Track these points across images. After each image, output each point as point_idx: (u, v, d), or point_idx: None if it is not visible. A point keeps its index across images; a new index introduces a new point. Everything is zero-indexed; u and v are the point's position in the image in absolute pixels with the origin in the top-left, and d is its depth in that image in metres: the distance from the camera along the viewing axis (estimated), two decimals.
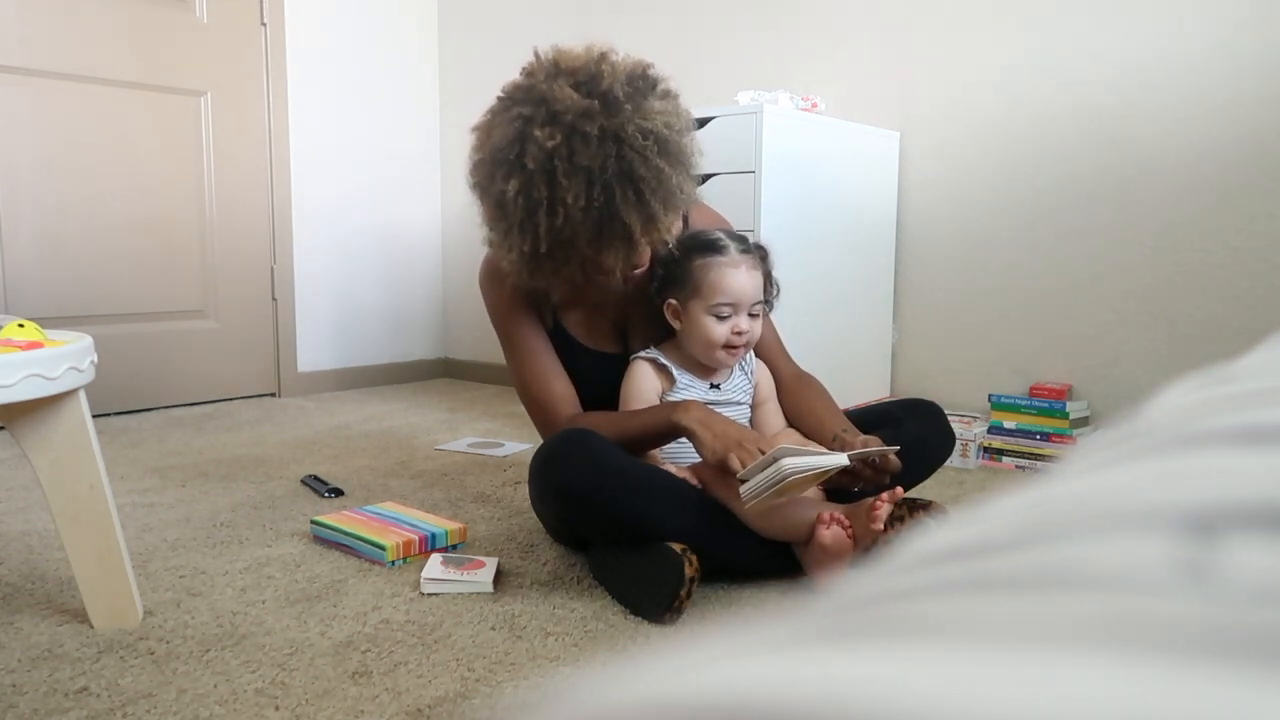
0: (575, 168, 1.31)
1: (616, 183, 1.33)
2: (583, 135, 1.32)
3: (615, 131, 1.33)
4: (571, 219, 1.33)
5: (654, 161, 1.34)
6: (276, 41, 3.15)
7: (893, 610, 0.17)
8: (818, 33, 2.71)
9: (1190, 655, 0.14)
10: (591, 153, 1.31)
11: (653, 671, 0.16)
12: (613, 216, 1.34)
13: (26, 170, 2.68)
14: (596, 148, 1.32)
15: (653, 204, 1.35)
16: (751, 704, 0.14)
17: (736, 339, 1.50)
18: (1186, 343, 2.22)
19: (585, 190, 1.32)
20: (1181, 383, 0.39)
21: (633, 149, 1.33)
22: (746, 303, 1.50)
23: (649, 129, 1.35)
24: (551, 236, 1.35)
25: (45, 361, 1.13)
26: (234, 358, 3.14)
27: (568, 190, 1.31)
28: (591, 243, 1.36)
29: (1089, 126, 2.31)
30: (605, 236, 1.36)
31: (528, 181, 1.33)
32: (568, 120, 1.32)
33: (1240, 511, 0.19)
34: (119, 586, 1.28)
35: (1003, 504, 0.24)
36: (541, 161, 1.32)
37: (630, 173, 1.33)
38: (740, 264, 1.49)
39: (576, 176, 1.32)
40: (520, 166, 1.34)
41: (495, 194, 1.38)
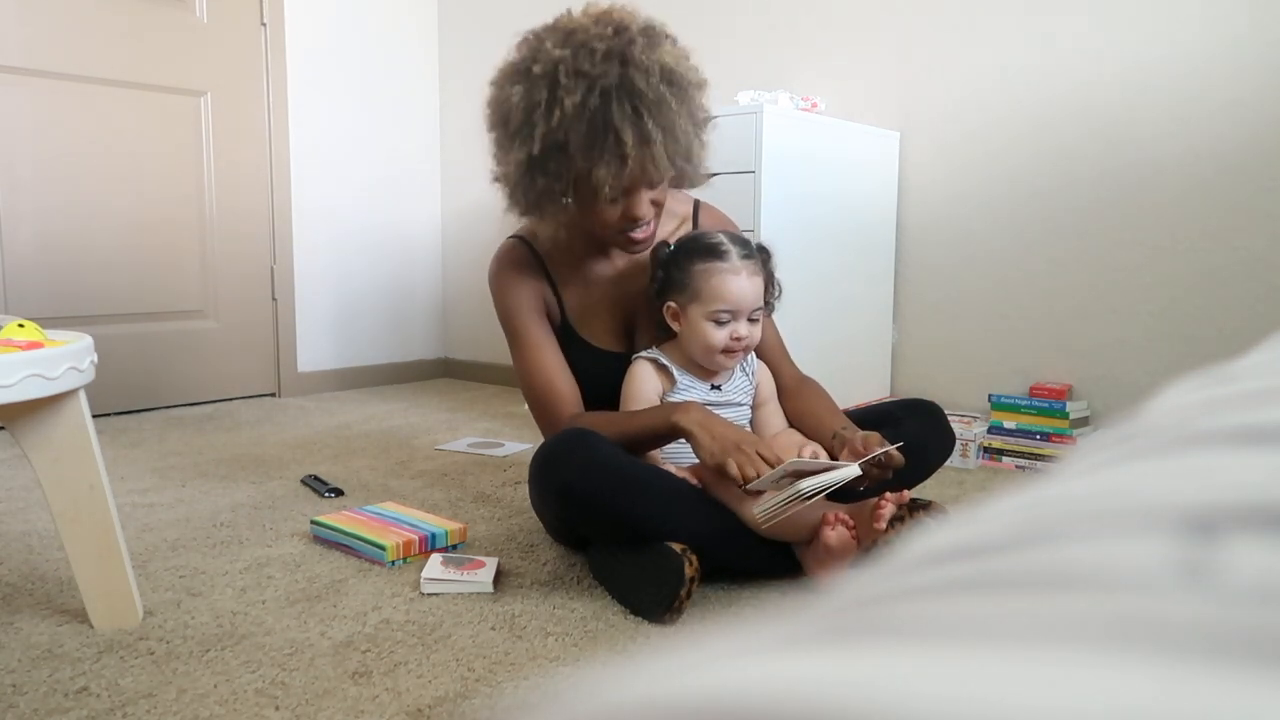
0: (578, 73, 1.38)
1: (615, 93, 1.38)
2: (590, 49, 1.39)
3: (622, 50, 1.39)
4: (566, 120, 1.38)
5: (656, 83, 1.39)
6: (276, 41, 3.15)
7: (893, 610, 0.17)
8: (818, 33, 2.71)
9: (1190, 655, 0.14)
10: (595, 63, 1.38)
11: (653, 671, 0.16)
12: (607, 124, 1.37)
13: (26, 170, 2.68)
14: (601, 60, 1.38)
15: (649, 124, 1.39)
16: (751, 704, 0.14)
17: (735, 344, 1.49)
18: (1186, 343, 2.22)
19: (583, 94, 1.37)
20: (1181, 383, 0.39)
21: (636, 68, 1.39)
22: (746, 309, 1.49)
23: (656, 58, 1.41)
24: (547, 139, 1.40)
25: (45, 361, 1.13)
26: (234, 358, 3.14)
27: (566, 92, 1.37)
28: (583, 150, 1.39)
29: (1089, 126, 2.31)
30: (597, 144, 1.38)
31: (531, 85, 1.40)
32: (579, 38, 1.40)
33: (1240, 511, 0.19)
34: (119, 586, 1.28)
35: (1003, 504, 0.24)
36: (547, 68, 1.39)
37: (630, 87, 1.38)
38: (741, 270, 1.49)
39: (578, 80, 1.37)
40: (527, 74, 1.42)
41: (502, 106, 1.45)
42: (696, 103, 1.47)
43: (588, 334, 1.62)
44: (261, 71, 3.13)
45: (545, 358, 1.59)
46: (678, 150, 1.43)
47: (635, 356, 1.58)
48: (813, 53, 2.73)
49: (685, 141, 1.44)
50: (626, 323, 1.64)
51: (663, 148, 1.40)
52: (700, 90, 1.48)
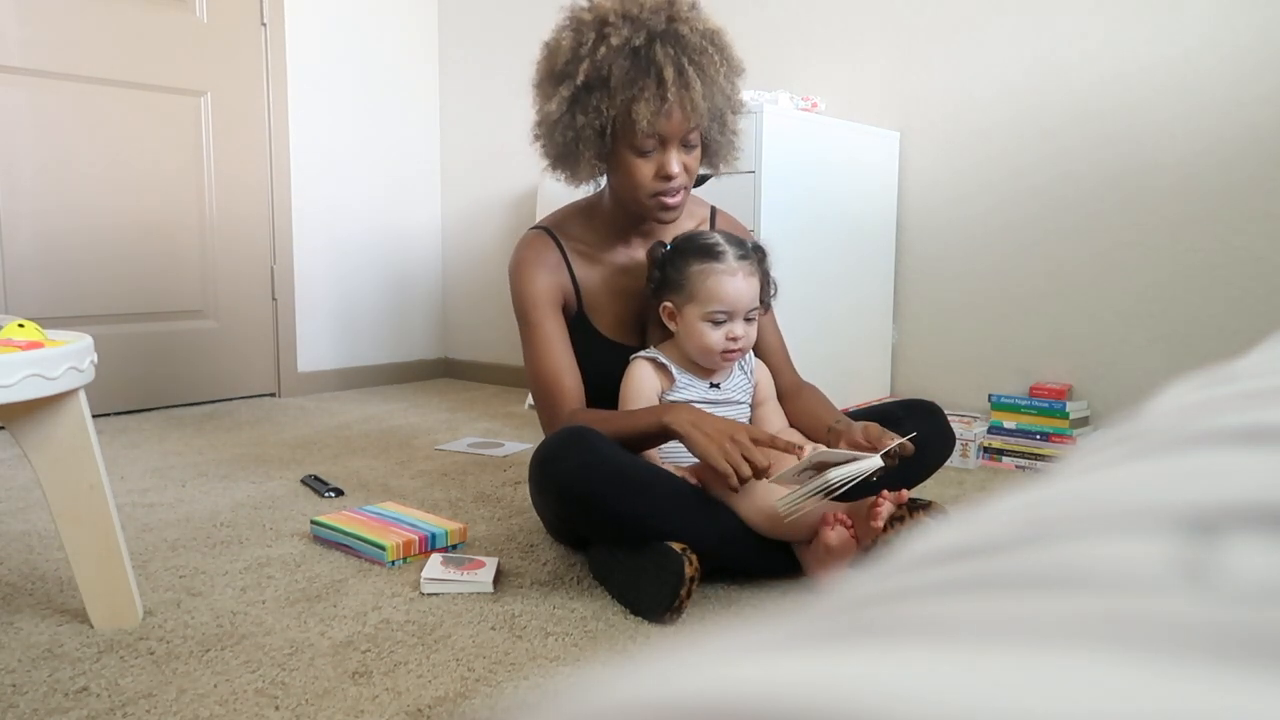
0: (626, 16, 1.46)
1: (660, 37, 1.46)
2: (639, 2, 1.47)
3: (670, 5, 1.48)
4: (611, 54, 1.45)
5: (699, 38, 1.48)
6: (276, 41, 3.15)
7: (893, 610, 0.17)
8: (818, 33, 2.71)
9: (1190, 655, 0.14)
10: (644, 10, 1.46)
11: (653, 671, 0.16)
12: (650, 60, 1.45)
13: (26, 170, 2.68)
14: (650, 11, 1.47)
15: (689, 69, 1.46)
16: (751, 704, 0.14)
17: (731, 345, 1.50)
18: (1186, 343, 2.22)
19: (629, 33, 1.45)
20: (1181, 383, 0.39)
21: (682, 22, 1.48)
22: (742, 310, 1.49)
23: (701, 19, 1.50)
24: (592, 73, 1.46)
25: (45, 361, 1.13)
26: (234, 358, 3.14)
27: (613, 30, 1.45)
28: (625, 84, 1.45)
29: (1089, 126, 2.31)
30: (639, 81, 1.45)
31: (580, 28, 1.49)
32: None
33: (1240, 511, 0.19)
34: (119, 586, 1.28)
35: (1003, 504, 0.24)
36: (597, 14, 1.48)
37: (675, 34, 1.46)
38: (737, 271, 1.49)
39: (625, 22, 1.46)
40: (578, 21, 1.50)
41: (551, 52, 1.53)
42: (736, 73, 1.54)
43: (602, 325, 1.63)
44: (261, 71, 3.13)
45: (555, 351, 1.59)
46: (714, 103, 1.50)
47: (633, 356, 1.58)
48: (813, 53, 2.73)
49: (721, 100, 1.52)
50: (640, 316, 1.65)
51: (701, 94, 1.46)
52: (739, 67, 1.56)
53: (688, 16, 1.48)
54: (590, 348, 1.62)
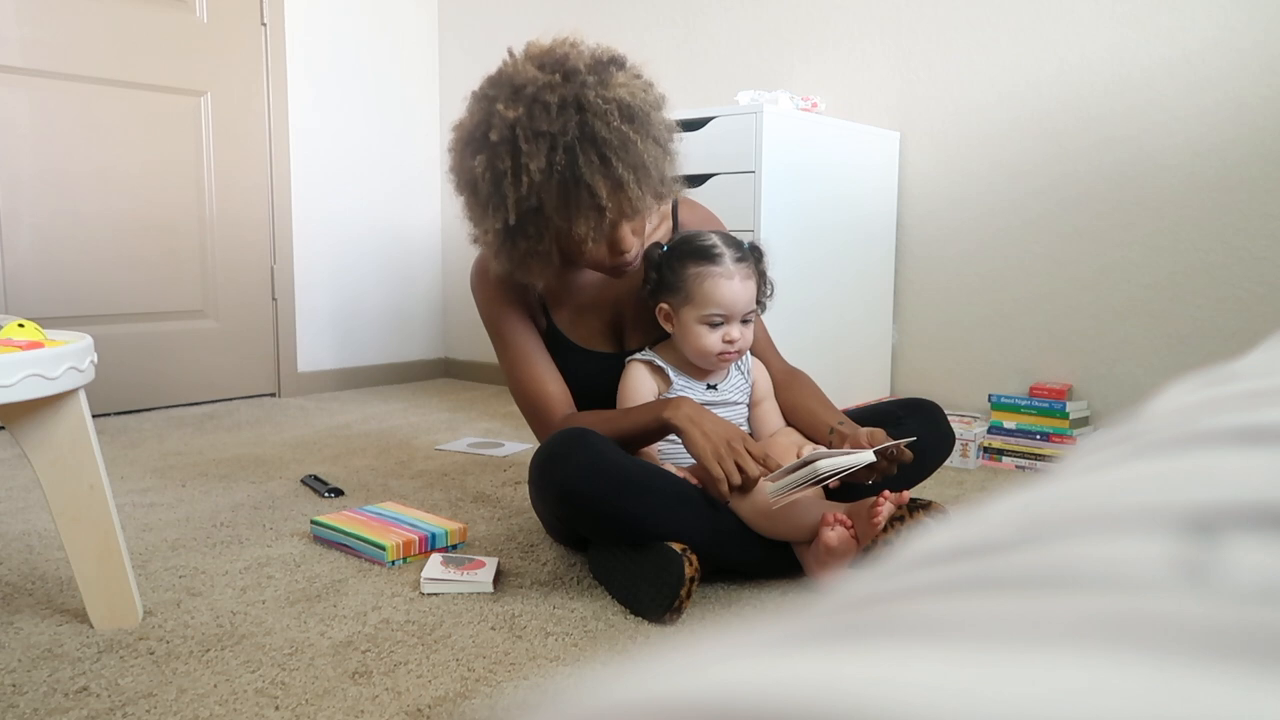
0: (536, 134, 1.33)
1: (579, 146, 1.34)
2: (543, 104, 1.34)
3: (575, 97, 1.34)
4: (535, 185, 1.35)
5: (617, 125, 1.35)
6: (276, 41, 3.15)
7: (893, 610, 0.17)
8: (818, 33, 2.71)
9: (1190, 655, 0.14)
10: (551, 118, 1.33)
11: (653, 671, 0.16)
12: (577, 180, 1.35)
13: (26, 170, 2.68)
14: (557, 114, 1.34)
15: (619, 169, 1.35)
16: (751, 704, 0.14)
17: (728, 347, 1.49)
18: (1186, 343, 2.22)
19: (547, 155, 1.33)
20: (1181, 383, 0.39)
21: (594, 114, 1.34)
22: (739, 313, 1.49)
23: (611, 96, 1.36)
24: (519, 206, 1.37)
25: (45, 361, 1.13)
26: (234, 358, 3.14)
27: (530, 156, 1.33)
28: (559, 210, 1.37)
29: (1089, 126, 2.31)
30: (572, 203, 1.36)
31: (493, 154, 1.36)
32: (529, 93, 1.35)
33: (1240, 511, 0.19)
34: (119, 586, 1.28)
35: (1003, 504, 0.24)
36: (504, 133, 1.35)
37: (592, 136, 1.34)
38: (734, 274, 1.49)
39: (538, 142, 1.33)
40: (485, 142, 1.37)
41: (467, 176, 1.41)
42: (659, 126, 1.42)
43: (575, 336, 1.62)
44: (261, 71, 3.13)
45: (533, 361, 1.59)
46: (650, 182, 1.41)
47: (629, 359, 1.58)
48: (813, 53, 2.73)
49: (656, 170, 1.41)
50: (614, 323, 1.64)
51: (636, 186, 1.38)
52: (660, 109, 1.44)
53: (596, 103, 1.35)
54: (566, 359, 1.61)
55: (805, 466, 1.28)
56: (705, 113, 2.26)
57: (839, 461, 1.27)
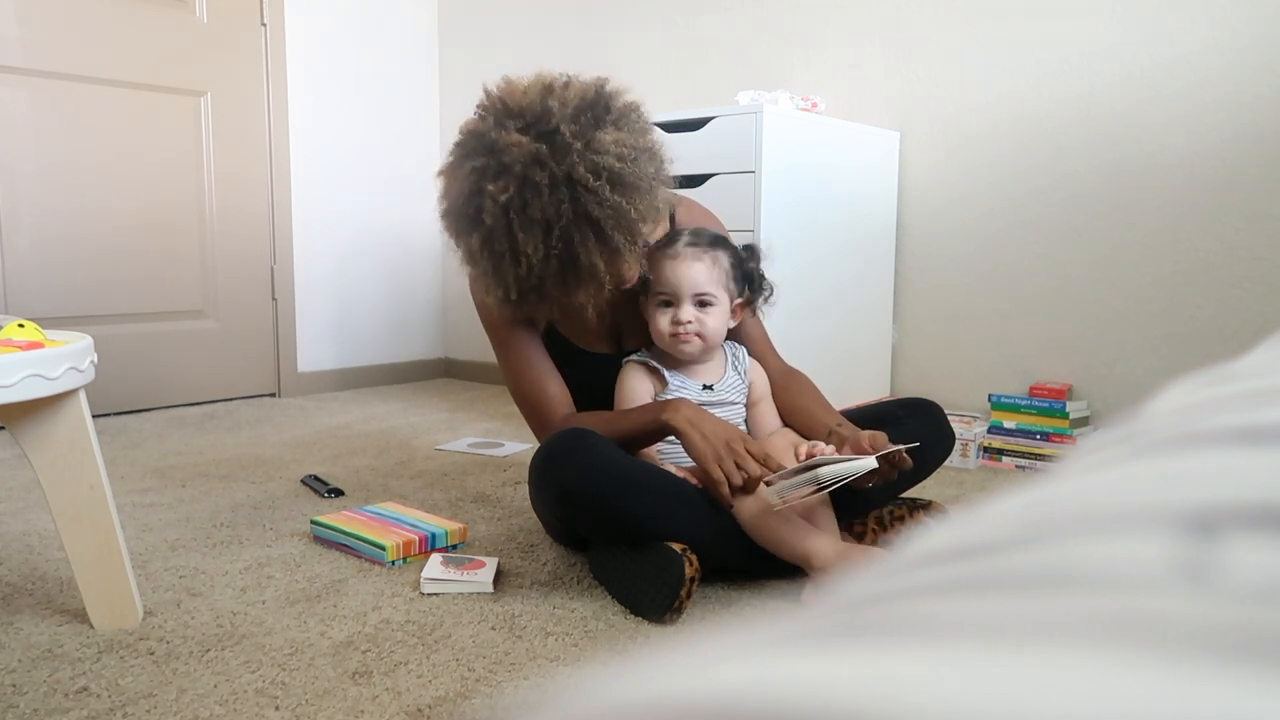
0: (530, 220, 1.33)
1: (574, 228, 1.34)
2: (534, 185, 1.32)
3: (566, 174, 1.32)
4: (535, 268, 1.36)
5: (609, 199, 1.34)
6: (276, 41, 3.15)
7: (893, 610, 0.17)
8: (818, 33, 2.71)
9: (1190, 655, 0.14)
10: (544, 202, 1.32)
11: (654, 671, 0.16)
12: (575, 260, 1.36)
13: (26, 170, 2.68)
14: (549, 196, 1.32)
15: (615, 239, 1.36)
16: (751, 704, 0.14)
17: (677, 328, 1.50)
18: (1186, 343, 2.22)
19: (543, 239, 1.34)
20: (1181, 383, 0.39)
21: (586, 189, 1.33)
22: (685, 292, 1.49)
23: (600, 166, 1.33)
24: (520, 285, 1.39)
25: (45, 361, 1.13)
26: (234, 358, 3.14)
27: (526, 243, 1.34)
28: (558, 286, 1.39)
29: (1089, 126, 2.31)
30: (570, 279, 1.38)
31: (488, 236, 1.36)
32: (517, 171, 1.33)
33: (1240, 511, 0.19)
34: (119, 586, 1.28)
35: (1003, 504, 0.24)
36: (497, 216, 1.34)
37: (586, 215, 1.34)
38: (681, 255, 1.50)
39: (533, 229, 1.33)
40: (479, 222, 1.36)
41: (463, 245, 1.43)
42: (647, 168, 1.40)
43: (575, 338, 1.62)
44: (261, 71, 3.13)
45: (532, 362, 1.59)
46: (644, 231, 1.41)
47: (625, 360, 1.58)
48: (813, 53, 2.73)
49: (650, 213, 1.41)
50: (613, 325, 1.64)
51: (630, 248, 1.39)
52: (650, 152, 1.42)
53: (586, 179, 1.32)
54: (565, 360, 1.61)
55: (808, 472, 1.28)
56: (705, 113, 2.25)
57: (842, 469, 1.27)
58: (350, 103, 3.38)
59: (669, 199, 1.50)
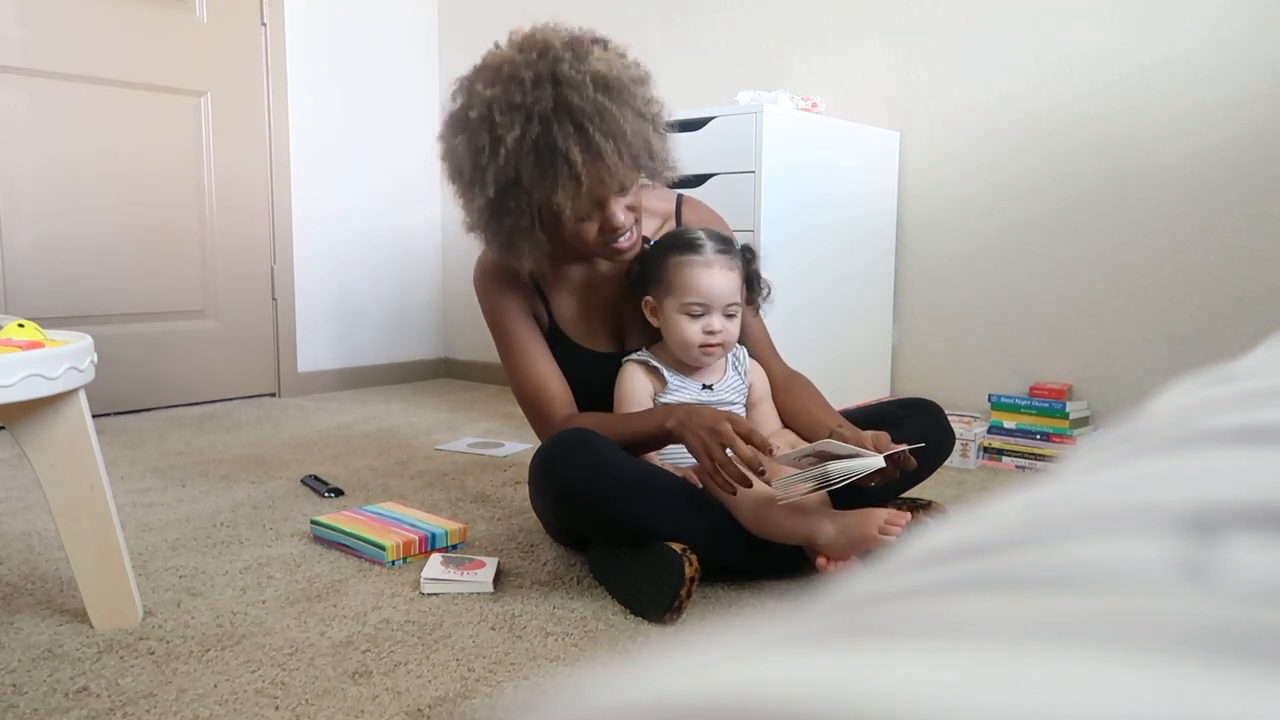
0: (511, 106, 1.37)
1: (554, 115, 1.36)
2: (519, 80, 1.37)
3: (551, 71, 1.37)
4: (512, 156, 1.37)
5: (591, 95, 1.37)
6: (276, 41, 3.15)
7: (893, 610, 0.17)
8: (818, 33, 2.71)
9: (1190, 655, 0.14)
10: (525, 91, 1.36)
11: (654, 671, 0.16)
12: (552, 149, 1.36)
13: (26, 170, 2.68)
14: (531, 87, 1.36)
15: (595, 137, 1.36)
16: (752, 704, 0.14)
17: (710, 338, 1.49)
18: (1186, 343, 2.22)
19: (522, 125, 1.36)
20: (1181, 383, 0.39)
21: (569, 85, 1.36)
22: (720, 303, 1.49)
23: (586, 68, 1.38)
24: (499, 179, 1.39)
25: (45, 361, 1.13)
26: (234, 358, 3.14)
27: (505, 129, 1.36)
28: (536, 180, 1.38)
29: (1089, 126, 2.31)
30: (548, 172, 1.37)
31: (473, 132, 1.39)
32: (505, 72, 1.38)
33: (1240, 511, 0.19)
34: (119, 586, 1.28)
35: (1003, 504, 0.24)
36: (482, 110, 1.38)
37: (567, 105, 1.36)
38: (714, 264, 1.49)
39: (514, 114, 1.36)
40: (465, 121, 1.41)
41: (451, 158, 1.45)
42: (641, 99, 1.43)
43: (576, 336, 1.62)
44: (261, 71, 3.13)
45: (535, 360, 1.59)
46: (632, 152, 1.41)
47: (625, 359, 1.58)
48: (813, 53, 2.73)
49: (639, 141, 1.42)
50: (615, 323, 1.64)
51: (615, 156, 1.38)
52: (642, 85, 1.45)
53: (570, 75, 1.36)
54: (566, 357, 1.61)
55: (816, 468, 1.28)
56: (705, 113, 2.25)
57: (848, 466, 1.27)
58: (350, 103, 3.38)
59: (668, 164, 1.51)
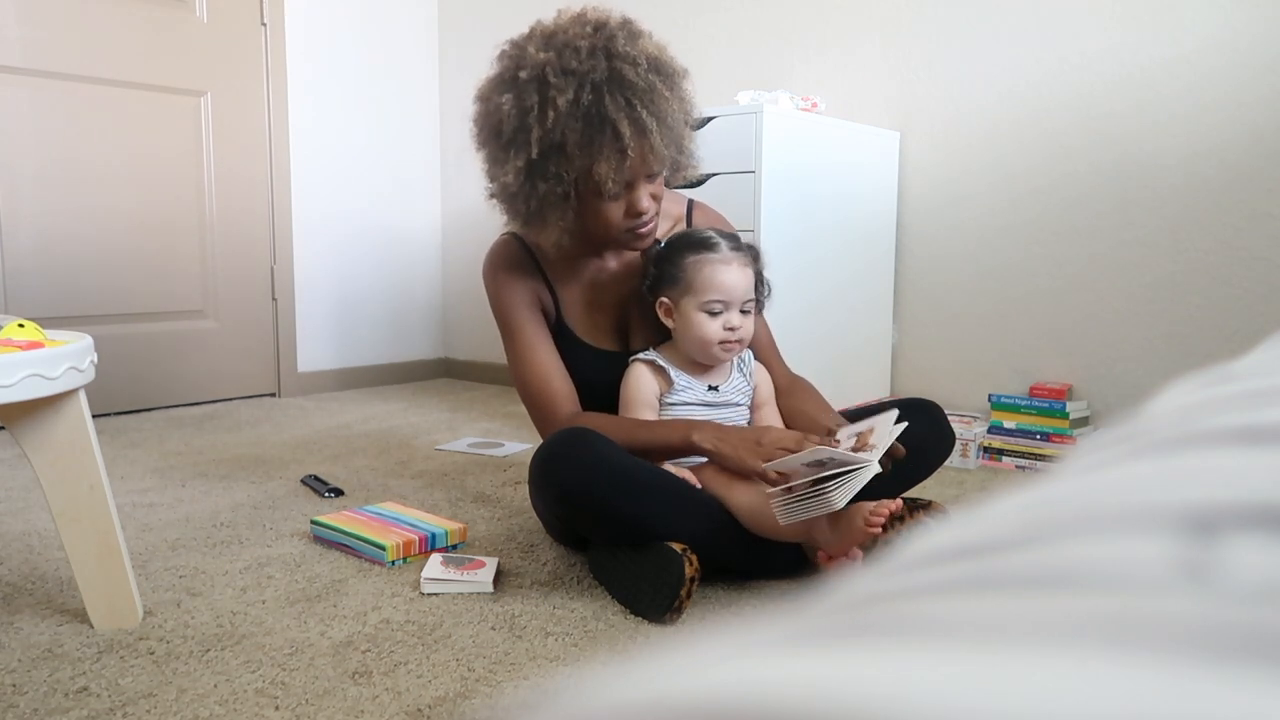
0: (566, 71, 1.38)
1: (606, 87, 1.38)
2: (574, 48, 1.39)
3: (606, 45, 1.40)
4: (561, 119, 1.37)
5: (645, 73, 1.40)
6: (276, 41, 3.15)
7: (893, 610, 0.17)
8: (818, 33, 2.71)
9: (1190, 655, 0.14)
10: (581, 59, 1.38)
11: (654, 671, 0.16)
12: (602, 118, 1.37)
13: (27, 170, 2.68)
14: (587, 56, 1.38)
15: (643, 114, 1.39)
16: (751, 704, 0.14)
17: (729, 335, 1.50)
18: (1186, 343, 2.22)
19: (575, 91, 1.37)
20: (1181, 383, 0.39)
21: (623, 60, 1.39)
22: (738, 299, 1.50)
23: (640, 48, 1.42)
24: (544, 142, 1.39)
25: (45, 361, 1.13)
26: (234, 358, 3.14)
27: (558, 91, 1.37)
28: (582, 147, 1.38)
29: (1089, 126, 2.31)
30: (596, 141, 1.38)
31: (521, 91, 1.40)
32: (559, 39, 1.40)
33: (1240, 511, 0.19)
34: (119, 586, 1.28)
35: (1003, 504, 0.24)
36: (534, 72, 1.39)
37: (620, 79, 1.38)
38: (732, 260, 1.50)
39: (567, 78, 1.38)
40: (514, 80, 1.41)
41: (493, 117, 1.44)
42: (684, 91, 1.48)
43: (583, 332, 1.62)
44: (261, 71, 3.13)
45: (541, 355, 1.59)
46: (672, 138, 1.44)
47: (632, 359, 1.57)
48: (813, 53, 2.73)
49: (678, 130, 1.45)
50: (622, 321, 1.64)
51: (659, 136, 1.41)
52: (685, 79, 1.49)
53: (625, 51, 1.39)
54: (571, 354, 1.61)
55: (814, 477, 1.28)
56: (705, 113, 2.25)
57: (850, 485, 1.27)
58: (350, 103, 3.38)
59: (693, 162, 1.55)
